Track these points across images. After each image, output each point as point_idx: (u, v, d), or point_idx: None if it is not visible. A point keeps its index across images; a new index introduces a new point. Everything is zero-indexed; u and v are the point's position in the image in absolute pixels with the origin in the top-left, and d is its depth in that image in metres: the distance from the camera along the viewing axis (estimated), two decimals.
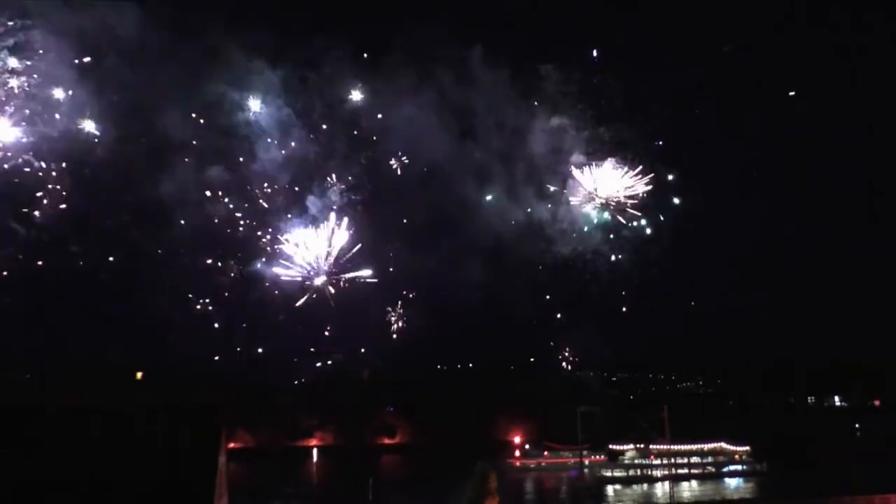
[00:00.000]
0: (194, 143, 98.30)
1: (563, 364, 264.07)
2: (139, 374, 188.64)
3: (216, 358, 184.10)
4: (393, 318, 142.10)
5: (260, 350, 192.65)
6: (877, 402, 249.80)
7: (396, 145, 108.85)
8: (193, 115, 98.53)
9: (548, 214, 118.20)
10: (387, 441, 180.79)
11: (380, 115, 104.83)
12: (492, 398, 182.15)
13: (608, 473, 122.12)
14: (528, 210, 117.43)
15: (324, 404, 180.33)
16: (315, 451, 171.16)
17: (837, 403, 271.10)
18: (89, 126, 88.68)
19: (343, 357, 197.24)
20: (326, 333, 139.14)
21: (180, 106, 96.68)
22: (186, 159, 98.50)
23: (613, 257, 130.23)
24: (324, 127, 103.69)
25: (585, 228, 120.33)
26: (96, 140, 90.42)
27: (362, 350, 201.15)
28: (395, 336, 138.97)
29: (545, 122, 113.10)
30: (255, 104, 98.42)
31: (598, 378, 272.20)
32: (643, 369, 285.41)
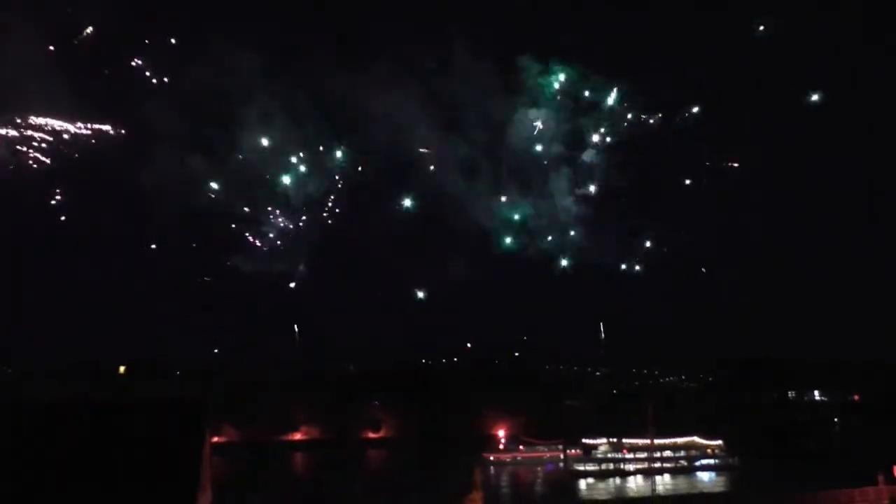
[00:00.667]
0: (177, 132, 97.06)
1: (550, 359, 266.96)
2: (122, 369, 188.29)
3: (201, 352, 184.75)
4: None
5: (244, 344, 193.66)
6: (856, 397, 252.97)
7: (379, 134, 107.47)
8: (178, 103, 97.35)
9: (531, 209, 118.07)
10: (372, 435, 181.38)
11: (363, 101, 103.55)
12: (478, 393, 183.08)
13: (580, 467, 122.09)
14: (511, 203, 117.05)
15: (309, 399, 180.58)
16: (299, 446, 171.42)
17: (818, 398, 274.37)
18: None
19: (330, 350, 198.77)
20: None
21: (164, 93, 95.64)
22: (170, 148, 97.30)
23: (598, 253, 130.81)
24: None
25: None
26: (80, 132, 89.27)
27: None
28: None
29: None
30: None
31: (584, 373, 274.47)
32: (628, 364, 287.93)
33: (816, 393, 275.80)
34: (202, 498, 37.55)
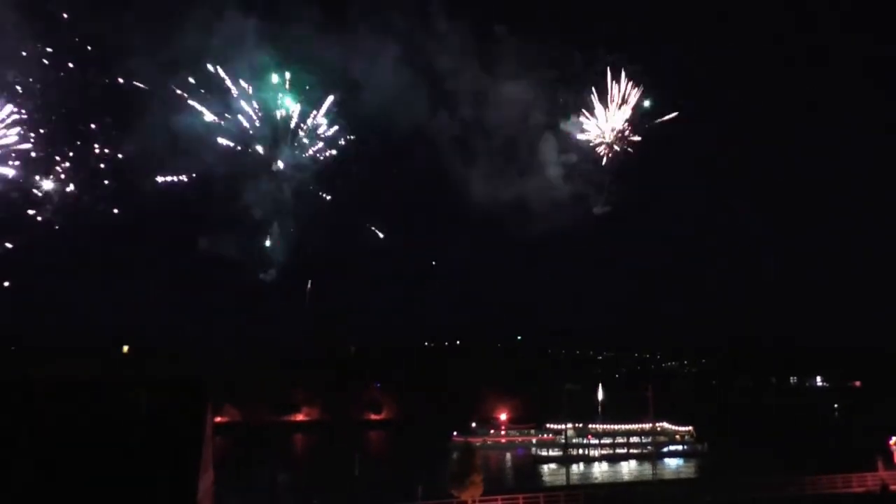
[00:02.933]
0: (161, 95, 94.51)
1: (549, 342, 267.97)
2: (126, 349, 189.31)
3: (203, 332, 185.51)
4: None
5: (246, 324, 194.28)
6: (857, 383, 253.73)
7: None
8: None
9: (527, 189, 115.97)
10: (373, 417, 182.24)
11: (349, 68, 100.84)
12: (478, 375, 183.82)
13: (544, 453, 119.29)
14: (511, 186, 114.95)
15: (310, 380, 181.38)
16: (301, 426, 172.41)
17: (819, 384, 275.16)
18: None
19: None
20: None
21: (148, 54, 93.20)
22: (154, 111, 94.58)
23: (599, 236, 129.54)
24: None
25: None
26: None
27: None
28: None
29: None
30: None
31: (584, 356, 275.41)
32: (628, 348, 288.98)
33: (819, 379, 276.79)
34: (204, 477, 37.91)
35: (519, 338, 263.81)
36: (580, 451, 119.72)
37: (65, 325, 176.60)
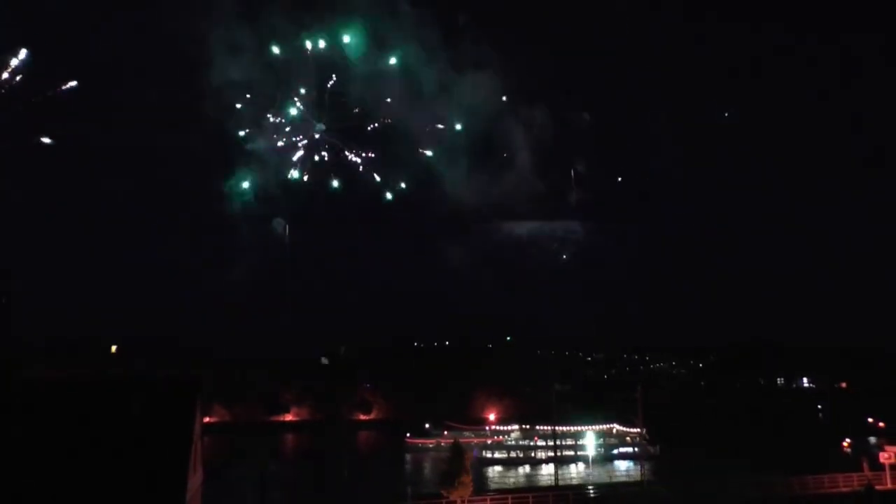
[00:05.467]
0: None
1: (541, 344, 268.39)
2: (114, 348, 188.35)
3: (192, 331, 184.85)
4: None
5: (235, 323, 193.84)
6: (843, 385, 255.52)
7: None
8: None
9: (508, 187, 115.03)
10: (363, 417, 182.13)
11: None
12: (468, 376, 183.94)
13: (489, 455, 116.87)
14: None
15: (300, 380, 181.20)
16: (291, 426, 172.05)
17: (806, 385, 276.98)
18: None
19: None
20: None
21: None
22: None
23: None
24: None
25: None
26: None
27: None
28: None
29: None
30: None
31: (574, 358, 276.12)
32: (618, 350, 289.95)
33: (805, 380, 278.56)
34: (193, 477, 37.85)
35: (508, 338, 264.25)
36: (526, 453, 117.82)
37: (51, 324, 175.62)
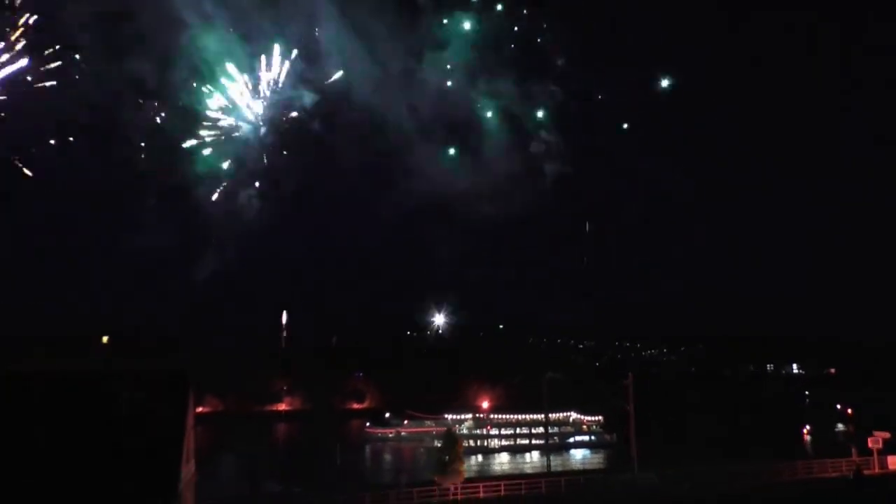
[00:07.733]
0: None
1: (533, 332, 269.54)
2: (105, 339, 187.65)
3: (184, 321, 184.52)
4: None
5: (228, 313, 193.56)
6: (832, 371, 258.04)
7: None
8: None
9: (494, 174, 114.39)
10: (355, 406, 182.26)
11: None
12: (460, 364, 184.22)
13: (438, 444, 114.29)
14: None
15: (293, 370, 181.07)
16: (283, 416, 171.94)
17: (795, 371, 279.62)
18: None
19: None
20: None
21: None
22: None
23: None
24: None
25: None
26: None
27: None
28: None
29: None
30: None
31: (567, 346, 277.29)
32: (609, 337, 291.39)
33: (794, 366, 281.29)
34: (186, 467, 37.91)
35: (501, 327, 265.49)
36: (478, 442, 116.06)
37: (42, 315, 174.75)
